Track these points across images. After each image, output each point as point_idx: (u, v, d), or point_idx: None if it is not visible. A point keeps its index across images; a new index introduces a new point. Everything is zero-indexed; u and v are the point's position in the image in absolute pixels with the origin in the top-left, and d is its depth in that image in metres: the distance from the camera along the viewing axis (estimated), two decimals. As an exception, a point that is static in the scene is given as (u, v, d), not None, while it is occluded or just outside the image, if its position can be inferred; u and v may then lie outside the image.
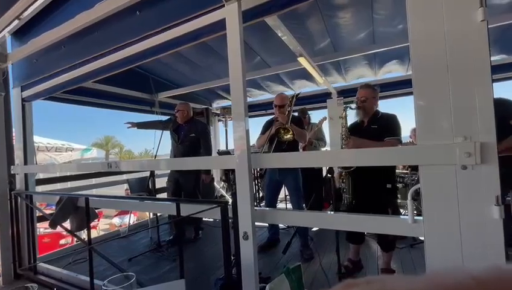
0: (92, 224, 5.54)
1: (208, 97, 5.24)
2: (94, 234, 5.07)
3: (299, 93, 2.58)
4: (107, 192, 4.81)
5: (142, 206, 1.94)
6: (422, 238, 2.61)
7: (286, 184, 2.73)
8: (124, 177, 4.89)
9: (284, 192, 3.22)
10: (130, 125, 3.43)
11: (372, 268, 2.28)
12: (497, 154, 0.88)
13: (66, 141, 6.62)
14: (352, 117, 2.19)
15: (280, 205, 4.03)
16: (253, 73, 3.62)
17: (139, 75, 3.81)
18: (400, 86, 3.84)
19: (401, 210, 2.99)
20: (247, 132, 1.24)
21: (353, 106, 2.06)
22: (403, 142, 2.32)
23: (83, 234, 2.61)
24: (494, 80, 0.93)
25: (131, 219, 4.56)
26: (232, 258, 1.48)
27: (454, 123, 0.93)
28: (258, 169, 4.15)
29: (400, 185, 3.47)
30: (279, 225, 3.11)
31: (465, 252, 0.90)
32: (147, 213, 4.41)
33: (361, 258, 2.28)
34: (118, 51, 1.72)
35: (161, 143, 3.21)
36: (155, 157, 2.96)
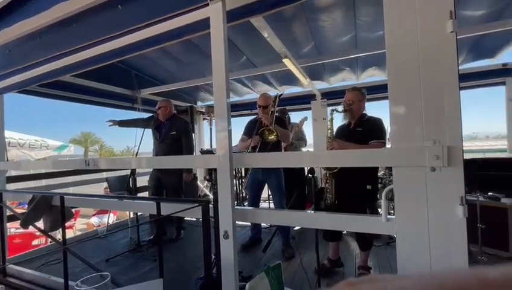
0: (67, 224, 5.32)
1: (193, 95, 5.17)
2: (70, 234, 4.87)
3: (282, 94, 2.62)
4: (86, 191, 4.63)
5: (121, 206, 1.89)
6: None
7: (269, 184, 2.75)
8: (104, 175, 4.75)
9: (267, 192, 3.25)
10: (111, 123, 3.34)
11: (350, 266, 2.35)
12: (462, 157, 0.95)
13: (40, 136, 6.30)
14: (339, 119, 2.25)
15: (264, 205, 4.06)
16: (238, 72, 3.62)
17: (121, 70, 3.70)
18: (380, 90, 3.97)
19: (379, 210, 3.11)
20: (230, 131, 1.25)
21: (340, 108, 2.12)
22: None
23: (58, 235, 2.50)
24: (462, 88, 1.00)
25: (110, 219, 4.43)
26: (213, 257, 1.49)
27: (425, 128, 0.98)
28: (242, 169, 4.16)
29: (379, 186, 3.60)
30: (262, 224, 3.13)
31: (432, 248, 0.96)
32: (127, 213, 4.30)
33: (340, 257, 2.35)
34: (98, 45, 1.67)
35: (144, 141, 3.14)
36: (136, 155, 2.89)
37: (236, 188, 4.32)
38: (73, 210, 4.89)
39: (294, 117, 5.21)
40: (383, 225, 1.08)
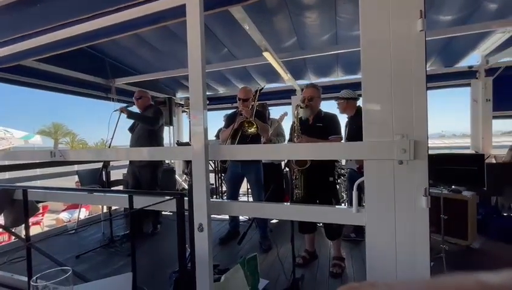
0: (34, 219, 5.02)
1: (172, 86, 5.02)
2: (37, 230, 4.60)
3: (263, 88, 2.60)
4: (55, 184, 4.38)
5: (91, 199, 1.80)
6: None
7: (248, 177, 2.76)
8: (76, 168, 4.51)
9: (245, 185, 3.26)
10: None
11: (324, 256, 2.44)
12: (427, 151, 1.00)
13: (2, 126, 5.83)
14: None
15: (243, 199, 4.07)
16: (219, 64, 3.56)
17: (93, 57, 3.50)
18: (360, 87, 4.09)
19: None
20: (205, 122, 1.22)
21: (303, 104, 2.16)
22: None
23: (24, 231, 2.35)
24: (431, 88, 1.05)
25: (82, 214, 4.23)
26: (189, 251, 1.47)
27: (394, 123, 1.02)
28: (221, 162, 4.13)
29: (344, 179, 3.75)
30: (241, 217, 3.14)
31: (398, 236, 1.01)
32: (100, 207, 4.13)
33: (315, 249, 2.42)
34: (65, 28, 1.55)
35: (123, 134, 3.01)
36: (109, 147, 2.76)
37: (216, 182, 4.29)
38: (40, 205, 4.61)
39: (274, 112, 5.24)
40: (353, 216, 1.12)
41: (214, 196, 4.18)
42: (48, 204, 5.60)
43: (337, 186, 2.39)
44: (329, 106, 4.26)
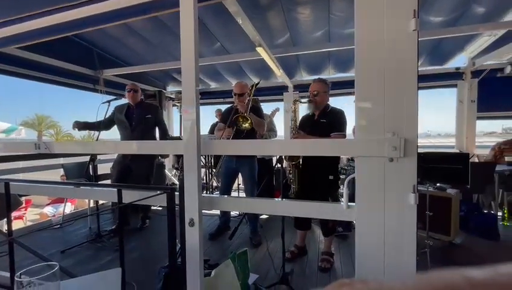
0: (17, 214, 4.85)
1: (162, 79, 4.93)
2: (20, 225, 4.45)
3: (258, 83, 2.58)
4: (39, 178, 4.23)
5: (78, 193, 1.75)
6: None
7: (242, 172, 2.74)
8: (61, 161, 4.38)
9: (237, 181, 3.25)
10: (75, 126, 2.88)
11: (313, 251, 2.47)
12: (416, 149, 1.02)
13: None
14: (304, 110, 2.30)
15: (234, 194, 4.06)
16: (211, 58, 3.51)
17: (81, 47, 3.38)
18: (351, 86, 4.12)
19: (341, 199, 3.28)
20: (198, 116, 1.21)
21: (304, 99, 2.15)
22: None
23: (5, 225, 2.27)
24: (420, 88, 1.07)
25: (67, 208, 4.12)
26: (179, 246, 1.45)
27: (386, 121, 1.04)
28: (212, 158, 4.10)
29: (343, 177, 3.81)
30: (232, 213, 3.15)
31: (386, 232, 1.03)
32: (87, 202, 4.03)
33: (305, 244, 2.45)
34: (52, 15, 1.49)
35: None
36: (97, 140, 2.68)
37: (207, 177, 4.27)
38: (23, 199, 4.46)
39: (266, 108, 5.23)
40: (344, 212, 1.13)
41: (204, 191, 4.16)
42: (31, 198, 5.42)
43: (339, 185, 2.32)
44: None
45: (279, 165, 1.94)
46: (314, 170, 2.08)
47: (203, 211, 1.25)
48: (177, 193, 1.30)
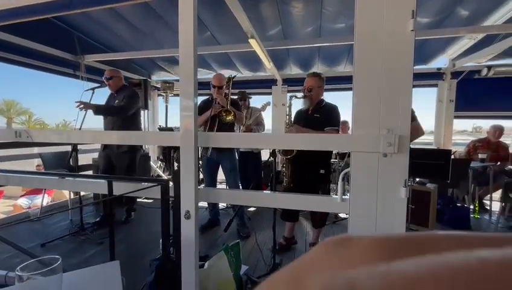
0: (-13, 205, 4.52)
1: (147, 68, 4.75)
2: (-9, 217, 4.19)
3: (235, 76, 2.56)
4: (11, 168, 3.98)
5: (63, 184, 1.67)
6: (343, 215, 2.97)
7: (223, 165, 2.74)
8: (35, 151, 4.13)
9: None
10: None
11: (302, 243, 2.55)
12: (409, 145, 1.08)
13: None
14: (299, 104, 2.31)
15: (220, 187, 4.06)
16: (201, 49, 3.43)
17: (60, 30, 3.17)
18: (338, 81, 4.20)
19: (332, 194, 3.39)
20: (196, 110, 1.19)
21: (299, 95, 2.16)
22: None
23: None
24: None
25: (44, 200, 3.92)
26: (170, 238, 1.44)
27: (381, 118, 1.08)
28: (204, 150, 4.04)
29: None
30: (219, 205, 3.15)
31: (378, 224, 1.09)
32: (66, 193, 3.86)
33: (294, 235, 2.51)
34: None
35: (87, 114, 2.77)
36: (80, 129, 2.56)
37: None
38: (-6, 189, 4.17)
39: (255, 101, 5.22)
40: (338, 205, 1.17)
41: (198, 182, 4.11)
42: (3, 189, 5.10)
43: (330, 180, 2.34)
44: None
45: (272, 159, 1.96)
46: (306, 164, 2.12)
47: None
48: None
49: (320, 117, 2.13)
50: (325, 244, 0.11)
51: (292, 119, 2.20)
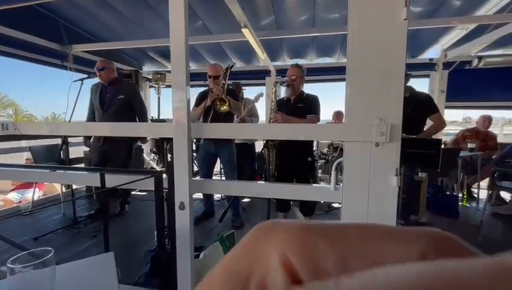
0: (-24, 200, 4.45)
1: (138, 58, 4.64)
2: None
3: (233, 65, 2.52)
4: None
5: (54, 177, 1.65)
6: (336, 205, 3.01)
7: (221, 157, 2.74)
8: (23, 144, 4.04)
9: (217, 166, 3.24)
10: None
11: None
12: (400, 134, 1.09)
13: None
14: (281, 94, 2.33)
15: (214, 178, 4.06)
16: (193, 38, 3.35)
17: (45, 18, 3.05)
18: (331, 72, 4.19)
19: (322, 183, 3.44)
20: (188, 100, 1.17)
21: (284, 83, 2.18)
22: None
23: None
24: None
25: (35, 194, 3.86)
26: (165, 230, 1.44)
27: (374, 107, 1.08)
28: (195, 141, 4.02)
29: (322, 161, 3.96)
30: (214, 198, 3.16)
31: (370, 211, 1.11)
32: (58, 187, 3.81)
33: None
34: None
35: (76, 106, 2.71)
36: (70, 121, 2.51)
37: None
38: (-17, 184, 4.08)
39: (248, 93, 5.18)
40: (332, 193, 1.19)
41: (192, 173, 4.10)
42: (-8, 183, 4.99)
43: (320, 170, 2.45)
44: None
45: (266, 149, 1.96)
46: (295, 153, 2.18)
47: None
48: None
49: (304, 107, 2.20)
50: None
51: (275, 106, 2.21)
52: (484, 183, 3.38)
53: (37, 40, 3.15)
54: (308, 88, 2.47)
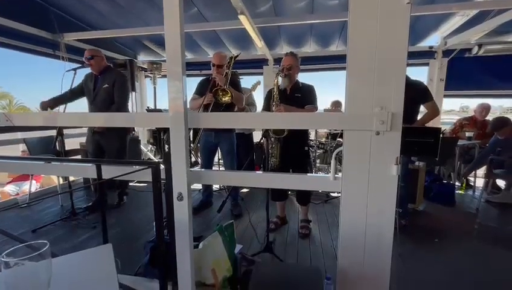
0: (-28, 193, 4.42)
1: (133, 47, 4.54)
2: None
3: (238, 55, 2.46)
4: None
5: (50, 169, 1.62)
6: (334, 194, 3.05)
7: (221, 147, 2.73)
8: (19, 136, 3.99)
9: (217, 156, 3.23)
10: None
11: (294, 220, 2.61)
12: (401, 123, 1.07)
13: None
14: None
15: (215, 168, 4.05)
16: (188, 26, 3.27)
17: (35, 5, 2.94)
18: (331, 61, 4.13)
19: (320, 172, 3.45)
20: (184, 88, 1.14)
21: (282, 73, 2.14)
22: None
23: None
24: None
25: (32, 186, 3.84)
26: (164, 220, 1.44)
27: (375, 96, 1.06)
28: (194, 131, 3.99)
29: (320, 151, 3.97)
30: (212, 188, 3.16)
31: (369, 201, 1.11)
32: (55, 179, 3.79)
33: (286, 214, 2.57)
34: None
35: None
36: (64, 112, 2.46)
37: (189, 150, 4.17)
38: (-21, 177, 4.05)
39: (245, 82, 5.12)
40: (331, 183, 1.18)
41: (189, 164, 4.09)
42: (-12, 176, 4.96)
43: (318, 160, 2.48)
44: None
45: (264, 139, 1.94)
46: (292, 142, 2.16)
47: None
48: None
49: (301, 96, 2.17)
50: None
51: (277, 98, 2.17)
52: (481, 171, 3.41)
53: (26, 28, 3.05)
54: (303, 77, 2.45)
